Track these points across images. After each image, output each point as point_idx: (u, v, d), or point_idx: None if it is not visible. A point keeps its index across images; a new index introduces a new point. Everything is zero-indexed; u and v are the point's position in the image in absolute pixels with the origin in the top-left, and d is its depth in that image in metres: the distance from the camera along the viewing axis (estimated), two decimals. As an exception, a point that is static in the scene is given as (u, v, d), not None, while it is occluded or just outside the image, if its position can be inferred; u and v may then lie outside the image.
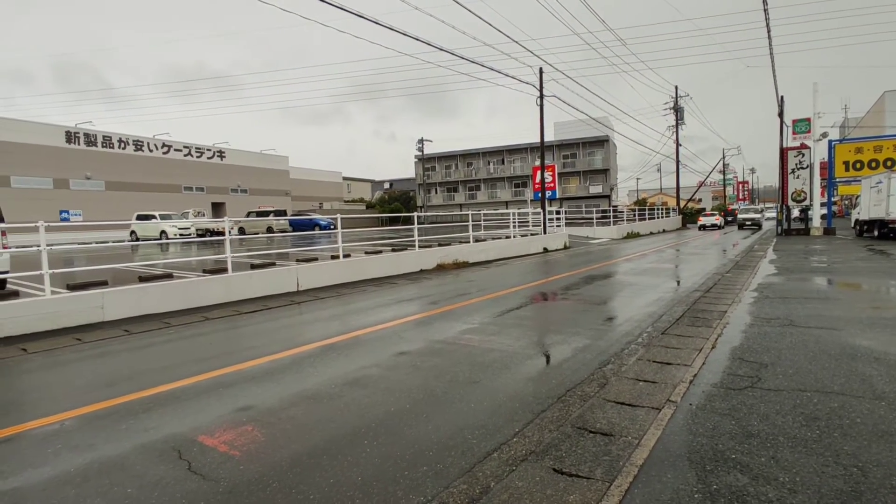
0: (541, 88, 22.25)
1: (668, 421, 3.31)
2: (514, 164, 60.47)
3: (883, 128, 39.37)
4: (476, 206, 59.34)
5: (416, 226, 13.97)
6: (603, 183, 55.78)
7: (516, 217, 19.74)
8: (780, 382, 3.96)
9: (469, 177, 63.28)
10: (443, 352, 5.33)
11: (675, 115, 43.82)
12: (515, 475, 2.71)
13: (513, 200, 58.35)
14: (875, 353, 4.67)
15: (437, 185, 65.15)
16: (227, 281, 9.14)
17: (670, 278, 11.09)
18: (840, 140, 29.02)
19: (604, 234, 28.36)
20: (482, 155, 62.70)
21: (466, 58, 16.66)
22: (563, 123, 58.27)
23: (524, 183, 58.20)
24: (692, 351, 4.98)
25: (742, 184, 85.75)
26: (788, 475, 2.57)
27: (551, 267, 14.02)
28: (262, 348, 5.71)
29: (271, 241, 22.78)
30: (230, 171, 46.69)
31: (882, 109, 42.89)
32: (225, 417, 3.69)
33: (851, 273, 10.53)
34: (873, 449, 2.82)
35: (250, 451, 3.13)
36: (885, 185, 18.99)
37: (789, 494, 2.40)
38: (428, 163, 63.49)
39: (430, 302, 8.55)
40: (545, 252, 19.12)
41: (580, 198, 55.17)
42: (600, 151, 56.11)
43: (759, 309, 6.93)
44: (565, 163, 56.92)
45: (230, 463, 2.98)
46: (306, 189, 58.88)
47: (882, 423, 3.15)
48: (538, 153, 24.44)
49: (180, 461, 3.02)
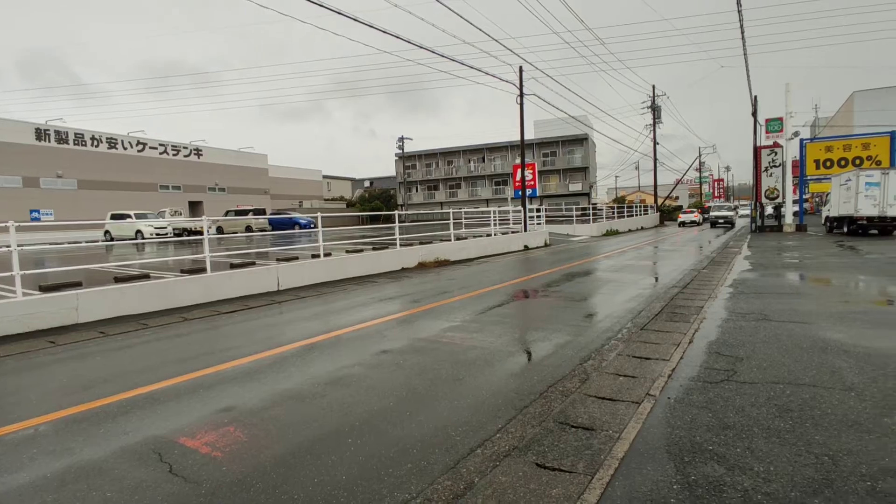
0: (521, 87, 22.37)
1: (647, 414, 3.38)
2: (494, 163, 60.67)
3: (852, 127, 40.48)
4: (457, 204, 59.41)
5: (396, 224, 13.94)
6: (582, 181, 56.30)
7: (497, 215, 19.85)
8: (754, 375, 4.07)
9: (450, 175, 63.31)
10: (425, 350, 5.35)
11: (652, 114, 44.44)
12: (499, 470, 2.74)
13: (493, 198, 58.56)
14: (845, 345, 4.82)
15: (418, 184, 65.07)
16: (206, 281, 9.02)
17: (649, 275, 11.26)
18: (811, 139, 29.79)
19: (584, 232, 28.65)
20: (463, 153, 62.78)
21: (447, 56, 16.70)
22: (543, 122, 58.72)
23: (505, 181, 58.47)
24: (670, 346, 5.08)
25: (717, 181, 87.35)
26: (763, 465, 2.65)
27: (532, 264, 14.13)
28: (242, 348, 5.66)
29: (250, 240, 22.50)
30: (208, 169, 46.00)
31: (851, 109, 44.10)
32: (206, 419, 3.65)
33: (822, 268, 10.82)
34: (843, 438, 2.91)
35: (233, 451, 3.11)
36: (853, 183, 19.56)
37: (763, 483, 2.47)
38: (408, 161, 63.35)
39: (412, 300, 8.55)
40: (526, 250, 19.25)
41: (560, 195, 55.64)
42: (580, 150, 56.61)
43: (734, 304, 7.09)
44: (545, 161, 57.31)
45: (212, 464, 2.95)
46: (286, 187, 58.30)
47: (851, 413, 3.26)
48: (518, 151, 24.58)
49: (161, 464, 2.98)
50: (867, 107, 41.75)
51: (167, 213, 31.86)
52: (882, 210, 18.91)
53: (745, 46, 21.51)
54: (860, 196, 19.22)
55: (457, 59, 18.31)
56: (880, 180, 18.88)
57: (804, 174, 26.19)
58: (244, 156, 50.57)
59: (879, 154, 24.18)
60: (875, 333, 5.22)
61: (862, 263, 11.33)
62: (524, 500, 2.42)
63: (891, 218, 18.95)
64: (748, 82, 26.16)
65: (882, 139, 24.50)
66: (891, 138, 24.21)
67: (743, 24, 18.53)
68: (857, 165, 23.64)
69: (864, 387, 3.71)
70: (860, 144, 25.13)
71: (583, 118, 43.73)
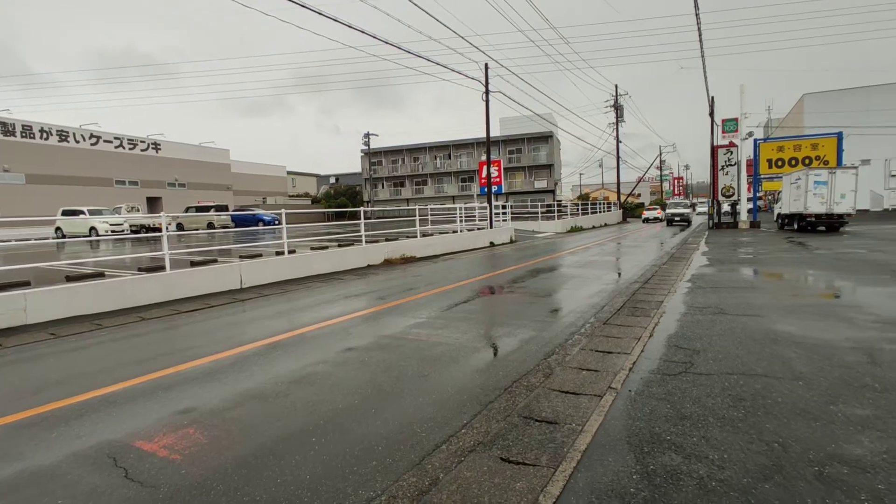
0: (486, 84, 22.47)
1: (609, 407, 3.46)
2: (460, 159, 60.84)
3: (802, 128, 42.24)
4: (423, 200, 59.34)
5: (362, 221, 13.83)
6: (547, 178, 57.03)
7: (463, 212, 19.91)
8: (710, 367, 4.21)
9: (416, 171, 63.17)
10: (391, 347, 5.33)
11: (615, 113, 45.35)
12: (464, 466, 2.75)
13: (459, 195, 58.75)
14: (794, 337, 5.03)
15: (384, 180, 64.69)
16: (165, 279, 8.75)
17: (612, 270, 11.50)
18: (764, 139, 30.97)
19: (549, 228, 29.06)
20: (429, 149, 62.72)
21: (412, 52, 16.59)
22: (509, 119, 59.19)
23: (471, 178, 58.72)
24: (632, 339, 5.20)
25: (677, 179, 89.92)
26: (718, 453, 2.75)
27: (498, 261, 14.24)
28: (203, 348, 5.52)
29: (212, 237, 21.92)
30: (166, 164, 44.58)
31: (801, 111, 45.95)
32: (164, 421, 3.54)
33: (774, 263, 11.28)
34: (793, 426, 3.05)
35: (192, 454, 3.03)
36: (803, 182, 20.44)
37: (718, 471, 2.56)
38: (374, 157, 62.88)
39: (378, 297, 8.50)
40: (492, 246, 19.39)
41: (525, 192, 56.26)
42: (545, 147, 57.32)
43: (692, 298, 7.31)
44: (511, 158, 57.81)
45: (170, 468, 2.87)
46: (249, 183, 57.09)
47: (800, 401, 3.41)
48: (484, 148, 24.70)
49: (116, 468, 2.88)
50: (816, 109, 43.59)
51: (123, 209, 30.77)
52: (829, 208, 19.82)
53: (703, 49, 22.18)
54: (809, 194, 20.09)
55: (423, 56, 18.30)
56: (828, 179, 19.79)
57: (758, 173, 27.22)
58: (205, 150, 49.22)
59: (827, 154, 25.33)
60: (822, 325, 5.47)
61: (811, 259, 11.85)
62: (489, 495, 2.44)
63: (837, 215, 19.90)
64: (705, 84, 26.98)
65: (830, 140, 25.67)
66: (837, 139, 25.39)
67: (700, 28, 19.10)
68: (806, 165, 24.71)
69: (812, 376, 3.89)
70: (810, 145, 26.27)
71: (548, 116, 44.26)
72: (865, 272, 9.28)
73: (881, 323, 5.48)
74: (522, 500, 2.38)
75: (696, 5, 16.91)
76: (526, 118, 42.56)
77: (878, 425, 3.01)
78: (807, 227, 21.05)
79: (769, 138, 34.77)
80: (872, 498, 2.27)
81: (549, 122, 46.03)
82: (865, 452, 2.69)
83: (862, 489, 2.35)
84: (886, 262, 10.45)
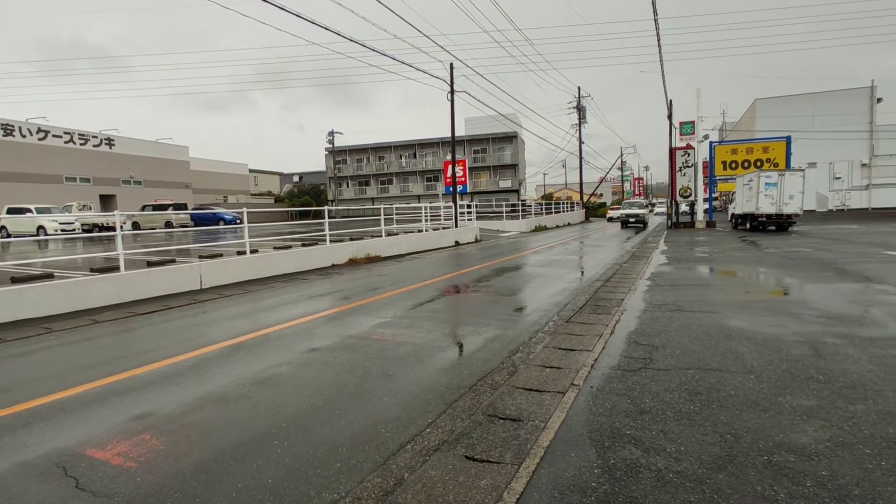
0: (451, 84, 22.52)
1: (571, 403, 3.52)
2: (426, 158, 60.81)
3: (754, 132, 43.98)
4: (388, 199, 59.05)
5: (326, 220, 13.66)
6: (512, 177, 57.61)
7: (428, 211, 19.92)
8: (668, 362, 4.34)
9: (381, 170, 62.81)
10: (355, 347, 5.29)
11: (578, 114, 46.19)
12: (429, 465, 2.76)
13: (425, 194, 58.73)
14: (746, 332, 5.24)
15: (349, 179, 64.06)
16: (120, 280, 8.43)
17: (574, 269, 11.71)
18: (719, 142, 32.13)
19: (513, 228, 29.36)
20: (394, 148, 62.45)
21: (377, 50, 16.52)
22: (474, 119, 59.49)
23: (436, 177, 58.77)
24: (594, 337, 5.31)
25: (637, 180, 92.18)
26: (675, 446, 2.84)
27: (463, 260, 14.30)
28: (161, 351, 5.35)
29: (171, 236, 21.24)
30: (121, 160, 42.92)
31: (753, 115, 47.85)
32: (118, 427, 3.42)
33: (728, 262, 11.71)
34: (744, 417, 3.17)
35: (148, 461, 2.93)
36: (755, 184, 21.29)
37: (675, 463, 2.65)
38: (339, 156, 62.17)
39: (342, 297, 8.42)
40: (457, 245, 19.46)
41: (490, 192, 56.69)
42: (509, 147, 57.88)
43: (651, 296, 7.52)
44: (476, 157, 58.14)
45: (125, 476, 2.77)
46: (209, 181, 55.57)
47: (751, 394, 3.56)
48: (450, 147, 24.76)
49: (66, 478, 2.76)
50: (767, 113, 45.49)
51: (74, 207, 29.48)
52: (779, 208, 20.71)
53: (661, 53, 22.84)
54: (761, 195, 20.95)
55: (388, 54, 18.20)
56: (777, 181, 20.67)
57: (713, 174, 28.21)
58: (163, 147, 47.61)
59: (777, 157, 26.46)
60: (772, 321, 5.71)
61: (762, 257, 12.36)
62: (453, 493, 2.46)
63: (786, 215, 20.82)
64: (664, 87, 27.78)
65: (779, 143, 26.83)
66: (787, 143, 26.56)
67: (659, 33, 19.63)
68: (758, 167, 25.73)
69: (762, 369, 4.06)
70: (761, 148, 27.40)
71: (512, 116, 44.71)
72: (811, 270, 9.74)
73: (825, 318, 5.77)
74: (487, 498, 2.40)
75: (654, 10, 17.38)
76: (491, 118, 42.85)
77: (821, 415, 3.16)
78: (758, 227, 21.94)
79: (724, 141, 36.07)
80: (817, 484, 2.39)
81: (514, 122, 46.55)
82: (810, 441, 2.83)
83: (807, 475, 2.47)
84: (830, 261, 11.00)
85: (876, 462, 2.58)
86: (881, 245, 14.25)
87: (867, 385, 3.64)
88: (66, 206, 29.41)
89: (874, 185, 43.79)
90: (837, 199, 44.43)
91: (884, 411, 3.19)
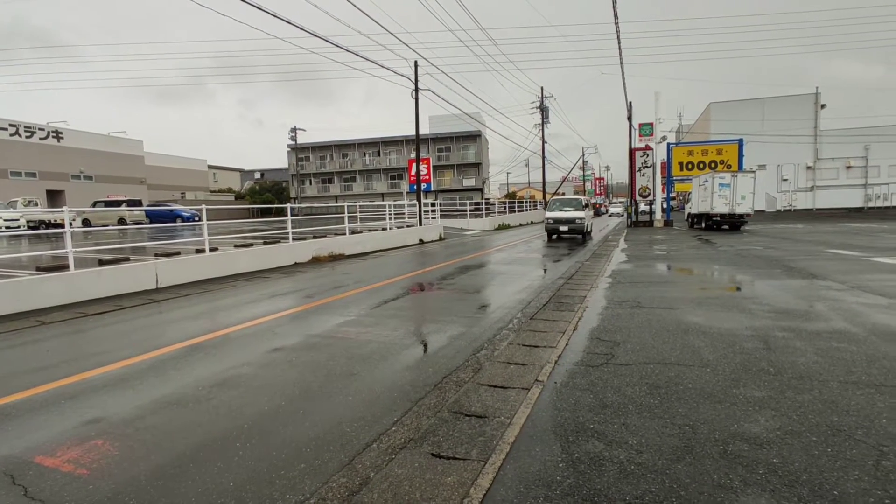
0: (416, 81, 22.45)
1: (536, 399, 3.57)
2: (390, 156, 60.47)
3: (709, 134, 45.57)
4: (352, 197, 58.45)
5: (289, 217, 13.42)
6: (476, 176, 57.90)
7: (392, 209, 19.83)
8: (629, 357, 4.45)
9: (345, 168, 62.10)
10: (319, 346, 5.21)
11: (541, 114, 46.72)
12: (395, 463, 2.74)
13: (389, 192, 58.39)
14: (702, 327, 5.43)
15: (312, 176, 63.07)
16: (69, 279, 8.06)
17: (538, 267, 11.87)
18: (677, 143, 33.16)
19: (477, 226, 29.52)
20: (358, 146, 61.84)
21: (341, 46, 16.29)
22: (438, 117, 59.49)
23: (400, 175, 58.47)
24: (557, 333, 5.40)
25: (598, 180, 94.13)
26: (636, 438, 2.91)
27: (427, 258, 14.29)
28: (114, 353, 5.14)
29: (124, 234, 20.43)
30: (70, 154, 41.00)
31: (708, 118, 49.57)
32: (68, 433, 3.27)
33: (685, 259, 12.10)
34: (701, 409, 3.28)
35: (101, 467, 2.81)
36: (709, 184, 22.06)
37: (636, 455, 2.71)
38: (302, 153, 61.14)
39: (306, 295, 8.29)
40: (421, 243, 19.43)
41: (454, 190, 56.80)
42: (473, 146, 58.13)
43: (612, 293, 7.69)
44: (440, 156, 58.16)
45: (76, 483, 2.65)
46: (166, 177, 53.77)
47: (707, 386, 3.68)
48: (414, 146, 24.69)
49: (14, 487, 2.62)
50: (721, 116, 47.21)
51: (19, 202, 28.02)
52: (732, 208, 21.53)
53: (622, 56, 23.37)
54: (715, 196, 21.73)
55: (351, 50, 17.94)
56: (730, 182, 21.48)
57: (671, 175, 29.08)
58: (115, 141, 45.73)
59: (730, 159, 27.49)
60: (726, 316, 5.93)
61: (716, 255, 12.82)
62: (420, 491, 2.45)
63: (739, 215, 21.66)
64: (624, 89, 28.48)
65: (732, 146, 27.88)
66: (739, 145, 27.62)
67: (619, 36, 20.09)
68: (712, 168, 26.67)
69: (718, 363, 4.21)
70: (715, 150, 28.42)
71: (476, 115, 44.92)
72: (762, 267, 10.16)
73: (775, 312, 6.02)
74: (453, 494, 2.41)
75: (615, 14, 17.77)
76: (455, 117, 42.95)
77: (772, 405, 3.30)
78: (713, 226, 22.75)
79: (681, 143, 37.22)
80: (768, 471, 2.50)
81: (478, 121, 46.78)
82: (762, 430, 2.95)
83: (760, 463, 2.57)
84: (779, 258, 11.50)
85: (822, 449, 2.71)
86: (824, 244, 15.00)
87: (813, 376, 3.83)
88: (10, 202, 27.93)
89: (818, 186, 46.12)
90: (785, 200, 46.58)
91: (828, 400, 3.36)
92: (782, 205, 46.45)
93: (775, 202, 46.58)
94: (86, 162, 42.34)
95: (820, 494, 2.29)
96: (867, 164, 45.06)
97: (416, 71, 22.39)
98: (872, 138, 44.38)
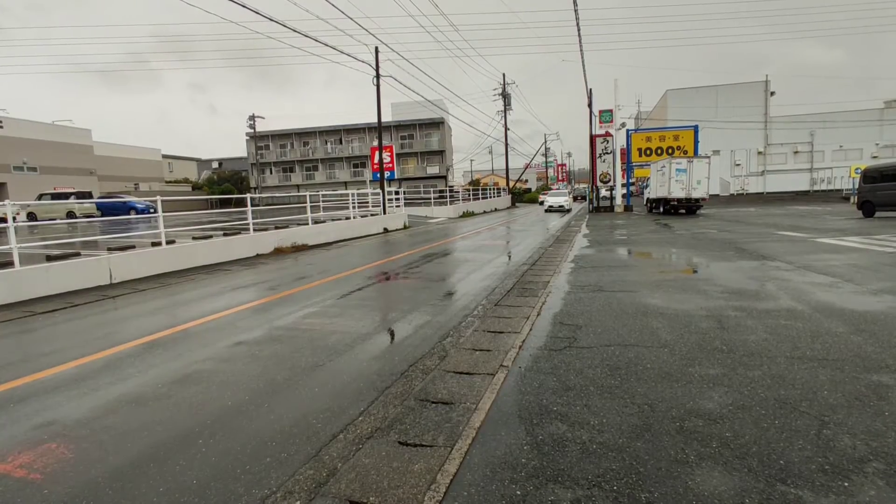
0: (377, 68, 22.16)
1: (501, 384, 3.62)
2: (352, 144, 59.66)
3: (666, 121, 46.66)
4: (314, 186, 57.49)
5: (249, 208, 13.11)
6: (439, 164, 57.78)
7: (356, 198, 19.61)
8: (591, 340, 4.56)
9: (306, 156, 60.94)
10: (283, 338, 5.14)
11: (503, 101, 46.93)
12: (362, 453, 2.75)
13: (352, 181, 57.71)
14: (660, 309, 5.60)
15: (272, 165, 61.66)
16: (14, 277, 7.68)
17: (502, 253, 11.99)
18: (635, 130, 33.84)
19: (441, 214, 29.53)
20: (319, 134, 60.74)
21: (299, 31, 15.89)
22: (401, 105, 58.91)
23: (363, 163, 57.82)
24: (521, 319, 5.48)
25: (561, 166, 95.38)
26: (598, 419, 3.00)
27: (392, 247, 14.24)
28: (66, 352, 4.94)
29: (74, 228, 19.55)
30: (11, 144, 38.79)
31: (665, 105, 50.75)
32: (19, 438, 3.14)
33: (644, 244, 12.43)
34: (659, 388, 3.40)
35: (55, 471, 2.72)
36: (667, 170, 22.67)
37: (598, 434, 2.80)
38: (261, 141, 59.63)
39: (269, 287, 8.15)
40: (385, 232, 19.33)
41: (418, 178, 56.56)
42: (436, 133, 57.91)
43: (575, 278, 7.85)
44: (403, 144, 57.73)
45: (30, 489, 2.55)
46: (117, 168, 51.54)
47: (665, 366, 3.82)
48: (376, 133, 24.42)
49: (-42, 495, 2.51)
50: (677, 103, 48.43)
51: (-45, 196, 26.44)
52: (688, 193, 22.21)
53: (582, 43, 23.65)
54: (672, 181, 22.35)
55: (310, 36, 17.54)
56: (687, 167, 22.13)
57: (630, 161, 29.74)
58: (61, 130, 43.49)
59: (686, 145, 28.28)
60: (682, 297, 6.14)
61: (674, 239, 13.22)
62: (387, 479, 2.47)
63: (694, 199, 22.36)
64: (584, 76, 28.81)
65: (688, 132, 28.66)
66: (694, 131, 28.42)
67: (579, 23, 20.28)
68: (669, 154, 27.39)
69: (675, 343, 4.36)
70: (672, 136, 29.15)
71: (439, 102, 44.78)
72: (716, 249, 10.54)
73: (728, 293, 6.27)
74: (421, 481, 2.43)
75: (574, 1, 17.91)
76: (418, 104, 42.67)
77: (725, 382, 3.46)
78: (671, 211, 23.42)
79: (639, 129, 38.04)
80: (722, 444, 2.62)
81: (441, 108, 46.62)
82: (716, 406, 3.08)
83: (713, 438, 2.69)
84: (732, 241, 11.95)
85: (770, 421, 2.86)
86: (773, 226, 15.66)
87: (762, 353, 4.02)
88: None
89: (768, 171, 47.99)
90: (738, 184, 48.33)
91: (776, 375, 3.53)
92: (735, 189, 48.17)
93: (729, 186, 48.27)
94: (29, 152, 40.18)
95: (768, 464, 2.42)
96: (812, 149, 47.14)
97: (377, 57, 22.09)
98: (817, 124, 46.44)
